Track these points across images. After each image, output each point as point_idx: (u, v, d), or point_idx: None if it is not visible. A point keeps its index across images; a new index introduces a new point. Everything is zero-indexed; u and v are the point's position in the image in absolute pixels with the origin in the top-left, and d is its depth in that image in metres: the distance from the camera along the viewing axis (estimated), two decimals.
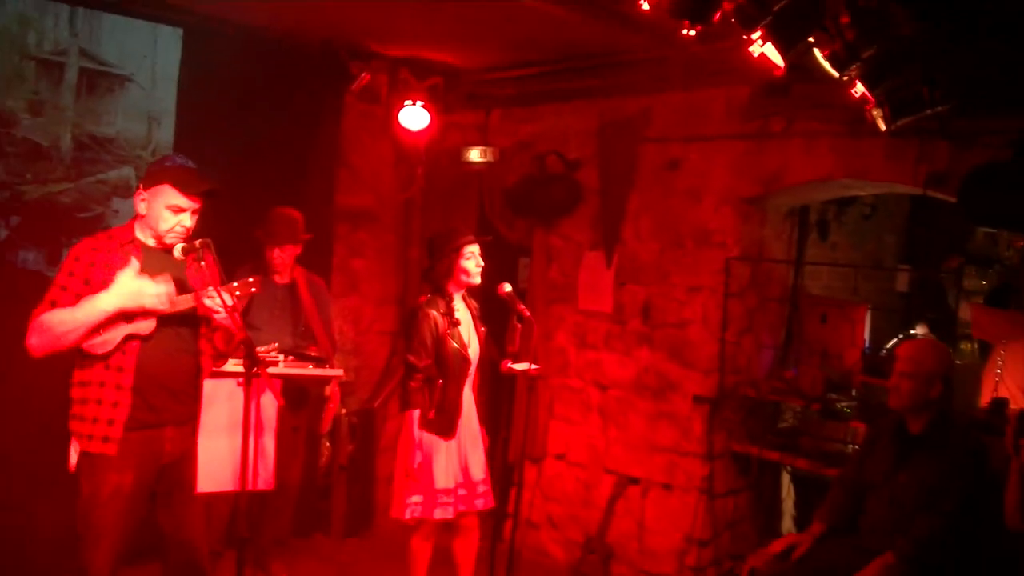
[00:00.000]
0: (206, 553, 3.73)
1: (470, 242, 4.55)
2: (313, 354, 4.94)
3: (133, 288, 3.37)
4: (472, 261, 4.53)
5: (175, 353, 3.55)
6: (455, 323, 4.54)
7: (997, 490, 3.61)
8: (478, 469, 4.63)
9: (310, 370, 4.85)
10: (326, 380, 5.16)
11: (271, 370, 4.07)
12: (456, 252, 4.52)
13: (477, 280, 4.57)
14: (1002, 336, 4.99)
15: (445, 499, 4.49)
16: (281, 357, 4.53)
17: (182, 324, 3.54)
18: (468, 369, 4.57)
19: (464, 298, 4.71)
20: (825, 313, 5.58)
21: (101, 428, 3.37)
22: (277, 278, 5.06)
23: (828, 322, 5.55)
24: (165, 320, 3.46)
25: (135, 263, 3.43)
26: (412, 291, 6.75)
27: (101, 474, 3.39)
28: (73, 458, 3.44)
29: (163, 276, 3.45)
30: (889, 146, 4.64)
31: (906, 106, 3.73)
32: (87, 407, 3.40)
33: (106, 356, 3.40)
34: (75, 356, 3.44)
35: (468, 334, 4.63)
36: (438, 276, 4.59)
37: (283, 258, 5.01)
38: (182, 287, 3.52)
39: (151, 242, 3.54)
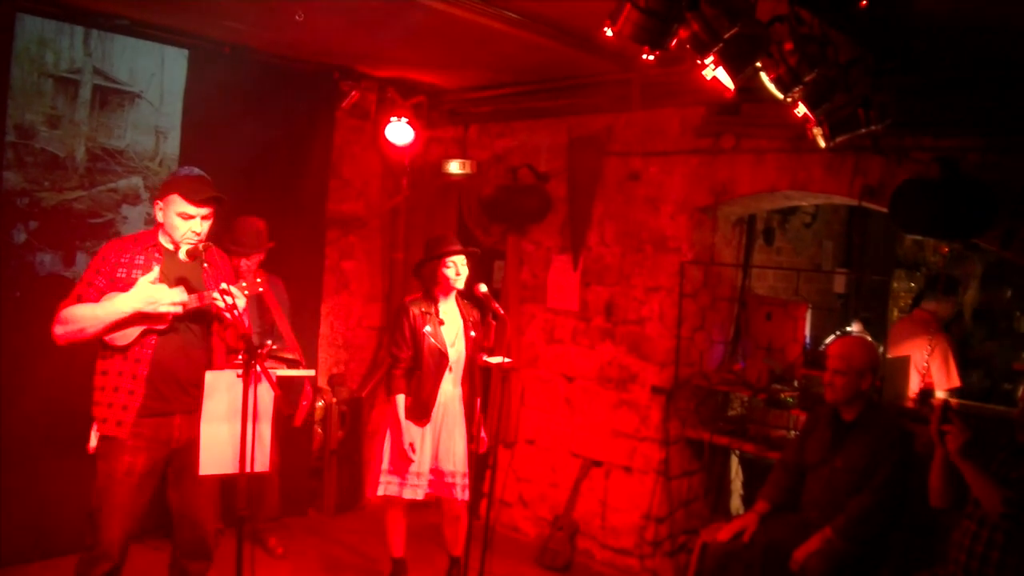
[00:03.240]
0: (212, 532, 3.70)
1: (453, 252, 4.45)
2: (288, 356, 4.88)
3: (150, 294, 3.36)
4: (452, 270, 4.45)
5: (188, 348, 3.54)
6: (439, 323, 4.48)
7: (921, 472, 3.64)
8: (449, 461, 4.50)
9: (284, 371, 4.80)
10: (299, 379, 5.10)
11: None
12: (439, 260, 4.46)
13: (458, 286, 4.49)
14: (914, 338, 5.02)
15: (415, 481, 4.45)
16: None
17: (195, 321, 3.54)
18: (445, 364, 4.49)
19: (458, 303, 4.60)
20: (770, 312, 5.60)
21: (116, 413, 3.38)
22: None
23: (773, 320, 5.57)
24: (180, 317, 3.46)
25: (156, 270, 3.42)
26: (397, 290, 6.71)
27: (116, 455, 3.39)
28: (93, 441, 3.43)
29: (179, 286, 3.47)
30: (828, 161, 4.66)
31: (843, 125, 3.74)
32: (106, 394, 3.41)
33: (125, 348, 3.40)
34: (97, 347, 3.44)
35: (453, 334, 4.54)
36: (424, 278, 4.55)
37: (249, 265, 4.89)
38: (197, 288, 3.51)
39: (171, 247, 3.54)
